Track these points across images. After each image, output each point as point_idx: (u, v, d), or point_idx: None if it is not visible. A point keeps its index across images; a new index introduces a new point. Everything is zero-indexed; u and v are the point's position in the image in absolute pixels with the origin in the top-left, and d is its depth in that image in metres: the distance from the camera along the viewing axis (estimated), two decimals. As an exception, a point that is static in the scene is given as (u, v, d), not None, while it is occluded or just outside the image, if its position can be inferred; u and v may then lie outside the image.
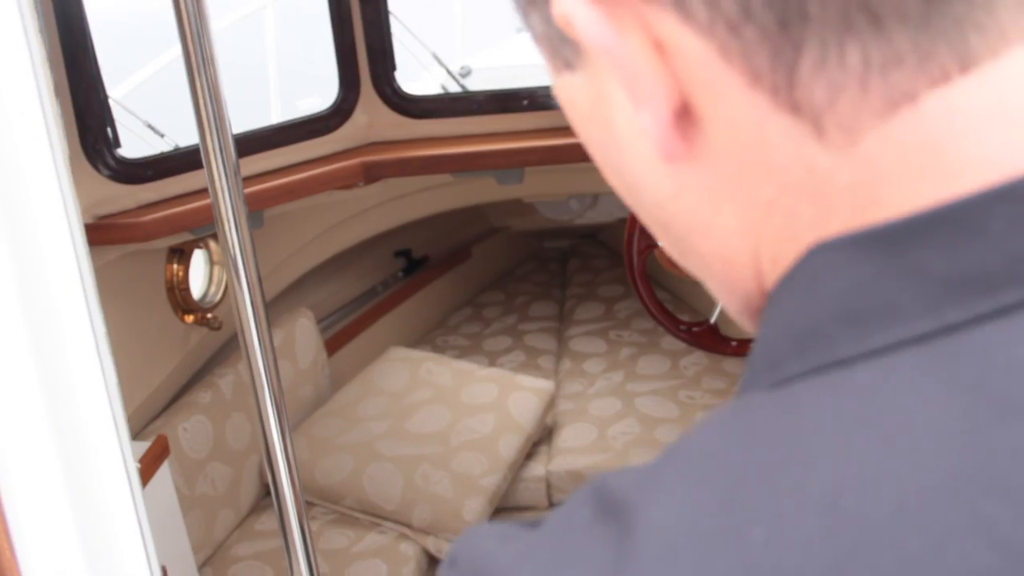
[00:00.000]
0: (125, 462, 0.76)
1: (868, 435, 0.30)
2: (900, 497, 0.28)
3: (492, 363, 3.25)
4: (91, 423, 0.76)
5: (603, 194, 3.81)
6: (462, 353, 3.35)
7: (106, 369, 0.73)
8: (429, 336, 3.55)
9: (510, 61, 4.89)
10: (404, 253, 3.55)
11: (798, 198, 0.35)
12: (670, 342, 3.22)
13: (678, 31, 0.34)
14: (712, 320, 2.08)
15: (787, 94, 0.33)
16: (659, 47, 0.34)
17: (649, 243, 2.04)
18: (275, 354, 1.28)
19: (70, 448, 0.75)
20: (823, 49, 0.32)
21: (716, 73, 0.34)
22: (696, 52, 0.34)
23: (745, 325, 0.42)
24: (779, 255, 0.36)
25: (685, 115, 0.35)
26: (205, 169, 1.19)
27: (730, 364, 3.08)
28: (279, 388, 1.30)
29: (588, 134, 0.41)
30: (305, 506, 1.36)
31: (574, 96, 0.40)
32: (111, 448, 0.76)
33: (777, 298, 0.36)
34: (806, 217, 0.35)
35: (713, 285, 0.41)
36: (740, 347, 2.12)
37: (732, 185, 0.36)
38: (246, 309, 1.24)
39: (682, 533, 0.31)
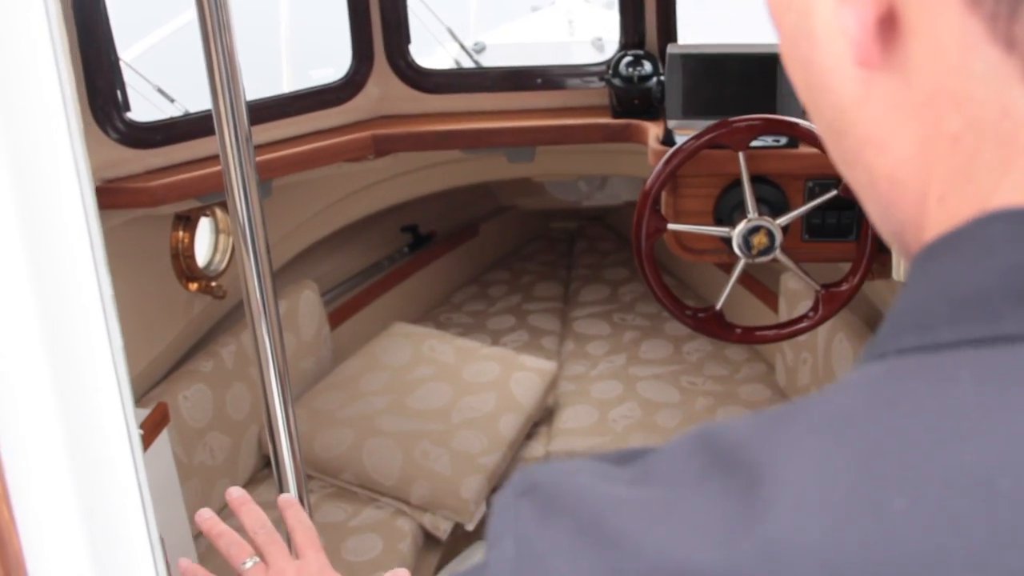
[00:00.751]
0: (128, 427, 0.75)
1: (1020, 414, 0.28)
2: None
3: (495, 342, 3.24)
4: (95, 386, 0.75)
5: (612, 177, 3.79)
6: (465, 331, 3.34)
7: (112, 332, 0.71)
8: (433, 313, 3.54)
9: (524, 39, 4.86)
10: (411, 228, 3.54)
11: (985, 139, 0.33)
12: (674, 327, 3.21)
13: None
14: (718, 307, 2.07)
15: (1006, 26, 0.31)
16: None
17: (658, 227, 2.02)
18: (281, 325, 1.28)
19: (72, 410, 0.74)
20: None
21: None
22: None
23: (894, 249, 0.41)
24: (948, 194, 0.35)
25: (889, 22, 0.34)
26: (217, 136, 1.17)
27: (733, 351, 3.07)
28: (283, 359, 1.29)
29: (782, 19, 0.39)
30: (305, 479, 1.36)
31: None
32: (114, 412, 0.75)
33: (939, 254, 0.34)
34: (987, 161, 0.33)
35: (872, 205, 0.39)
36: (744, 335, 2.11)
37: (921, 107, 0.34)
38: (253, 279, 1.23)
39: (818, 494, 0.29)
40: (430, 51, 3.17)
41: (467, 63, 3.05)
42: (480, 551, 2.46)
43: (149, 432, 1.89)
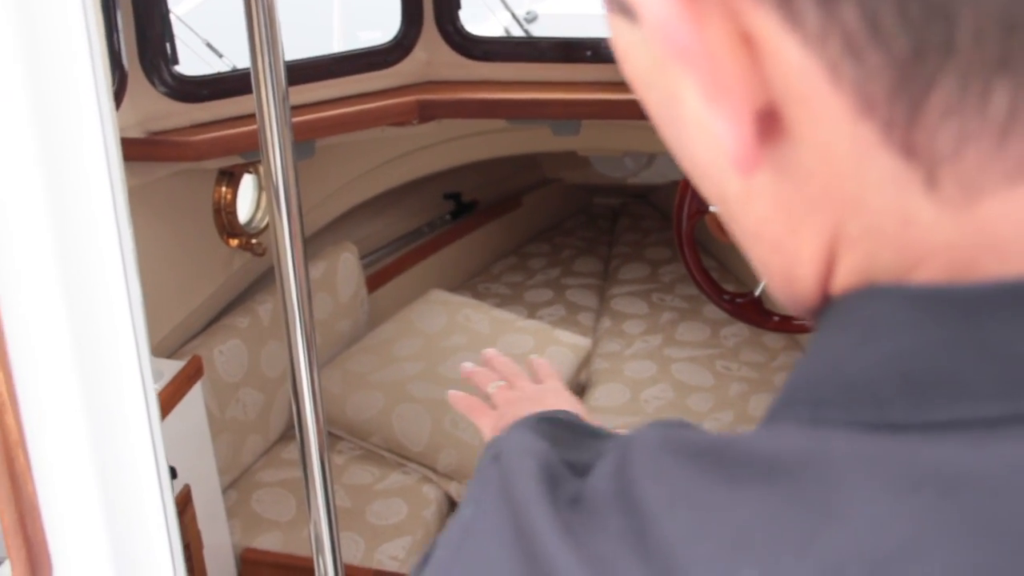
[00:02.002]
0: (143, 376, 0.75)
1: (899, 504, 0.27)
2: None
3: (531, 315, 3.23)
4: (113, 339, 0.75)
5: (659, 155, 3.75)
6: (502, 302, 3.33)
7: (131, 285, 0.71)
8: (471, 282, 3.53)
9: (578, 10, 4.80)
10: (453, 196, 3.53)
11: (884, 245, 0.31)
12: (712, 310, 3.18)
13: (778, 34, 0.29)
14: (756, 293, 2.04)
15: (903, 134, 0.28)
16: (747, 42, 0.29)
17: (700, 208, 1.99)
18: (309, 285, 1.27)
19: (88, 362, 0.75)
20: (962, 89, 0.27)
21: (818, 93, 0.29)
22: (797, 64, 0.29)
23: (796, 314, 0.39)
24: (850, 287, 0.33)
25: (770, 118, 0.30)
26: (254, 94, 1.17)
27: (770, 338, 3.03)
28: (311, 320, 1.29)
29: (646, 97, 0.36)
30: (328, 439, 1.36)
31: (630, 51, 0.35)
32: (130, 361, 0.75)
33: (828, 330, 0.33)
34: (886, 266, 0.31)
35: (772, 289, 0.38)
36: (782, 323, 2.07)
37: (814, 211, 0.32)
38: (284, 238, 1.23)
39: (686, 554, 0.30)
40: (481, 18, 3.14)
41: (517, 32, 3.02)
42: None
43: (182, 384, 1.91)
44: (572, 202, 4.08)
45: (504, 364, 1.10)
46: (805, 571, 0.27)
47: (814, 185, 0.31)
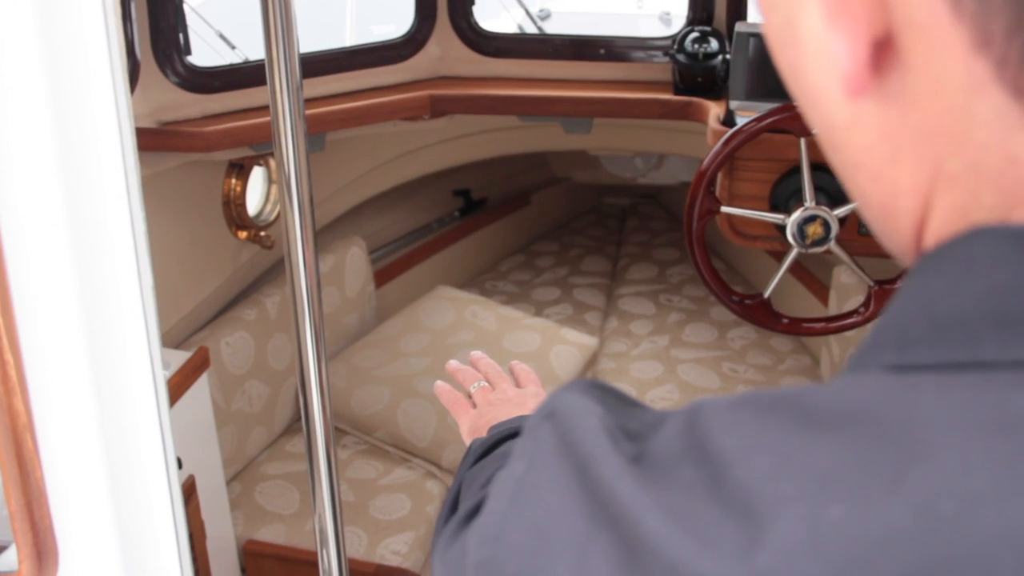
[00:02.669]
0: (154, 370, 0.75)
1: (989, 447, 0.28)
2: (1007, 518, 0.26)
3: (538, 313, 3.23)
4: (123, 327, 0.75)
5: (669, 155, 3.74)
6: (509, 299, 3.33)
7: (143, 273, 0.71)
8: (478, 279, 3.53)
9: (591, 7, 4.80)
10: (463, 193, 3.52)
11: (986, 183, 0.31)
12: (719, 312, 3.17)
13: None
14: (766, 295, 2.03)
15: (1016, 73, 0.29)
16: None
17: (711, 208, 1.98)
18: (319, 279, 1.27)
19: (99, 350, 0.75)
20: None
21: (938, 23, 0.30)
22: None
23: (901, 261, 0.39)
24: (943, 229, 0.33)
25: (885, 47, 0.31)
26: (268, 86, 1.16)
27: (778, 341, 3.02)
28: (320, 314, 1.29)
29: (768, 18, 0.37)
30: (335, 433, 1.36)
31: None
32: (140, 351, 0.75)
33: (923, 272, 0.33)
34: (987, 204, 0.31)
35: (869, 222, 0.38)
36: (791, 325, 2.07)
37: (919, 144, 0.32)
38: (295, 230, 1.23)
39: (768, 494, 0.29)
40: (494, 14, 3.14)
41: (530, 29, 3.01)
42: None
43: (189, 375, 1.91)
44: (581, 201, 4.07)
45: (488, 366, 1.11)
46: (897, 507, 0.27)
47: (921, 117, 0.32)
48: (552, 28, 3.04)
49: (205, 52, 2.41)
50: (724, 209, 2.00)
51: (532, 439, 0.40)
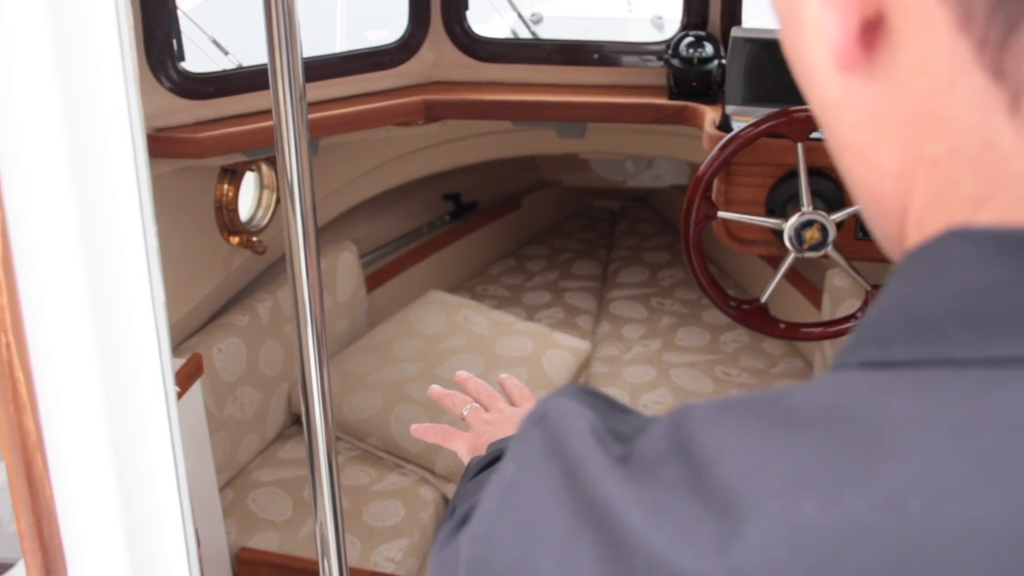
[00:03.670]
0: (165, 388, 0.74)
1: (959, 443, 0.29)
2: (973, 515, 0.27)
3: (530, 317, 3.22)
4: (135, 346, 0.74)
5: (659, 158, 3.74)
6: (500, 304, 3.32)
7: (155, 293, 0.70)
8: (469, 283, 3.52)
9: (581, 12, 4.80)
10: (453, 197, 3.51)
11: (964, 169, 0.32)
12: (711, 316, 3.17)
13: None
14: (763, 299, 2.03)
15: (995, 53, 0.30)
16: None
17: (708, 213, 1.98)
18: (322, 285, 1.26)
19: (110, 367, 0.73)
20: None
21: (924, 2, 0.31)
22: None
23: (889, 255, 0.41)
24: (926, 219, 0.34)
25: (875, 26, 0.33)
26: (271, 91, 1.15)
27: (770, 345, 3.02)
28: (322, 319, 1.27)
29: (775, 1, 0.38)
30: (335, 439, 1.35)
31: None
32: (151, 365, 0.74)
33: (901, 273, 0.34)
34: (965, 191, 0.32)
35: (860, 208, 0.39)
36: (788, 330, 2.07)
37: (904, 125, 0.34)
38: (298, 237, 1.21)
39: (745, 490, 0.31)
40: (485, 18, 3.12)
41: (523, 33, 3.00)
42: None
43: (182, 382, 1.89)
44: (571, 204, 4.07)
45: (477, 386, 1.08)
46: (867, 503, 0.28)
47: (907, 97, 0.33)
48: (544, 32, 3.04)
49: (198, 57, 2.39)
50: (721, 214, 2.00)
51: (523, 442, 0.41)
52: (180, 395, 1.89)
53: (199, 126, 2.18)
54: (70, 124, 0.65)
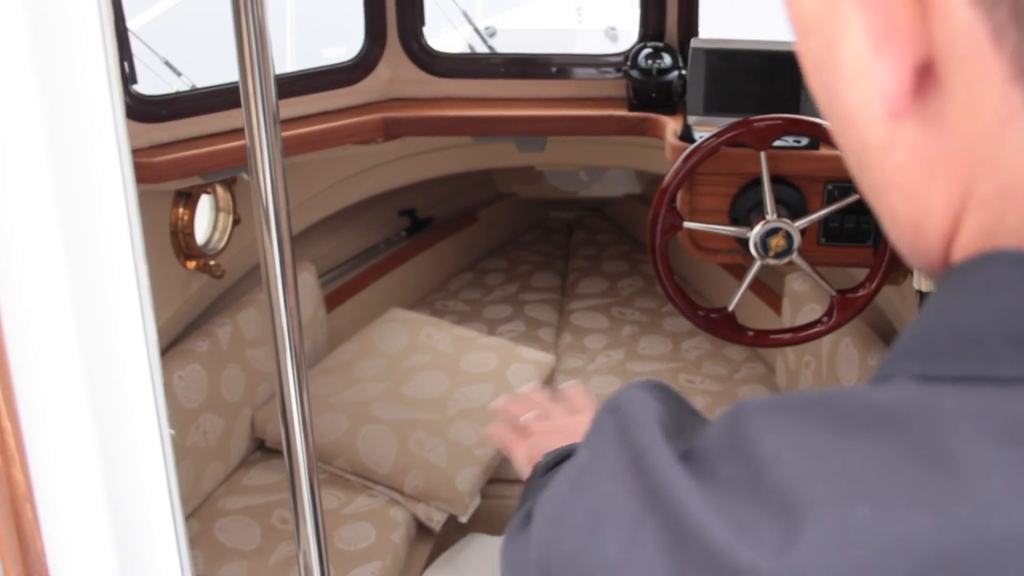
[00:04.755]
0: (161, 431, 0.71)
1: (1004, 453, 0.30)
2: (1018, 524, 0.28)
3: (491, 331, 3.20)
4: (127, 393, 0.71)
5: (612, 167, 3.75)
6: (461, 319, 3.30)
7: (149, 337, 0.67)
8: (428, 299, 3.49)
9: (535, 25, 4.80)
10: (409, 212, 3.48)
11: (1013, 207, 0.33)
12: (672, 324, 3.19)
13: None
14: (730, 308, 2.04)
15: None
16: None
17: (674, 224, 1.98)
18: (299, 309, 1.23)
19: (103, 411, 0.70)
20: None
21: (978, 54, 0.31)
22: (964, 23, 0.31)
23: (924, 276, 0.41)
24: (971, 246, 0.35)
25: (925, 73, 0.33)
26: (243, 112, 1.12)
27: (733, 351, 3.04)
28: (301, 344, 1.25)
29: (805, 43, 0.38)
30: (317, 466, 1.32)
31: None
32: (148, 419, 0.71)
33: (946, 289, 0.35)
34: (1012, 226, 0.33)
35: (894, 238, 0.40)
36: (757, 337, 2.08)
37: (953, 166, 0.34)
38: (275, 260, 1.18)
39: (802, 494, 0.32)
40: (436, 31, 3.11)
41: (479, 47, 2.99)
42: (474, 542, 2.43)
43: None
44: (527, 217, 4.06)
45: (539, 397, 1.10)
46: (917, 509, 0.30)
47: (956, 141, 0.34)
48: (499, 46, 3.03)
49: (150, 80, 2.34)
50: (687, 224, 2.00)
51: (597, 430, 0.43)
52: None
53: (153, 150, 2.12)
54: (56, 167, 0.62)
